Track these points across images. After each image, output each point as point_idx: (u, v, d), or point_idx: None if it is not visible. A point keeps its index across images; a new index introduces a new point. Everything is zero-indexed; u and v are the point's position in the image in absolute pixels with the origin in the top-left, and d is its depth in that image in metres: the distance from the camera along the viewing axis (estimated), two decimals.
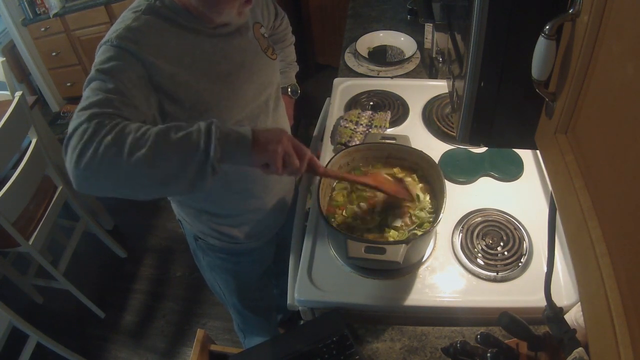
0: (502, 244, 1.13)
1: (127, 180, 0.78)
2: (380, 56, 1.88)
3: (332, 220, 1.13)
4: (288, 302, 1.11)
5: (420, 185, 1.19)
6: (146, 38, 0.90)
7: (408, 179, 1.19)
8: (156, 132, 0.78)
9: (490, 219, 1.19)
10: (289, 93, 1.49)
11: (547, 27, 0.48)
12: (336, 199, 1.19)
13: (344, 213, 1.15)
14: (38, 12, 3.37)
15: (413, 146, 1.22)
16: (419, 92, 1.62)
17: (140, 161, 0.75)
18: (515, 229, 1.16)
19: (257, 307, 1.60)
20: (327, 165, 1.16)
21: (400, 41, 1.92)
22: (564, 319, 0.77)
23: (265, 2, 1.24)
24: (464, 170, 1.32)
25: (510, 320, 0.81)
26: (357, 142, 1.40)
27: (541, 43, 0.50)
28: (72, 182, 0.79)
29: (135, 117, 0.85)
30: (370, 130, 1.45)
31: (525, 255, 1.11)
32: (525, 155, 1.35)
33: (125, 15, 0.94)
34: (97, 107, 0.80)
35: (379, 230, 1.10)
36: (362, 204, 1.15)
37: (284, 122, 1.26)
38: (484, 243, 1.14)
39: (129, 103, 0.84)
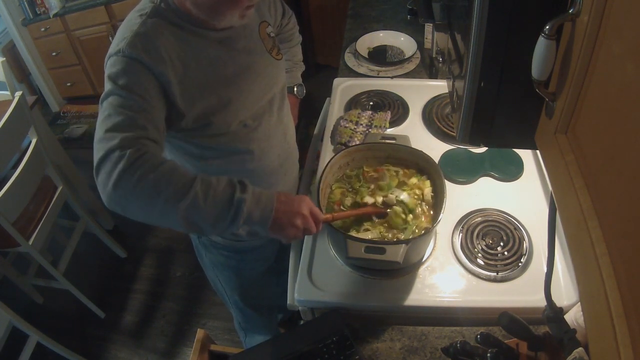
0: (502, 244, 1.13)
1: (159, 218, 0.85)
2: (380, 56, 1.88)
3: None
4: (288, 302, 1.11)
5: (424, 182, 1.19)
6: (154, 44, 0.90)
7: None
8: (195, 190, 0.82)
9: (490, 219, 1.19)
10: (295, 92, 1.49)
11: (547, 27, 0.48)
12: (334, 193, 1.19)
13: (342, 207, 1.16)
14: (38, 12, 3.37)
15: (413, 146, 1.22)
16: (419, 92, 1.62)
17: (174, 212, 0.82)
18: (515, 229, 1.16)
19: (259, 304, 1.60)
20: (327, 165, 1.16)
21: (400, 41, 1.91)
22: (564, 319, 0.77)
23: (273, 0, 1.24)
24: (464, 170, 1.32)
25: (510, 320, 0.81)
26: (357, 142, 1.40)
27: (541, 43, 0.50)
28: (103, 200, 0.83)
29: (159, 130, 0.89)
30: (370, 130, 1.45)
31: (525, 255, 1.11)
32: (525, 155, 1.35)
33: (131, 19, 0.94)
34: (125, 131, 0.83)
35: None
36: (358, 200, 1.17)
37: (289, 121, 1.27)
38: (484, 243, 1.14)
39: (152, 118, 0.87)
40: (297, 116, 1.50)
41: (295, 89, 1.48)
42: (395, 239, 1.08)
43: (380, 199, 1.15)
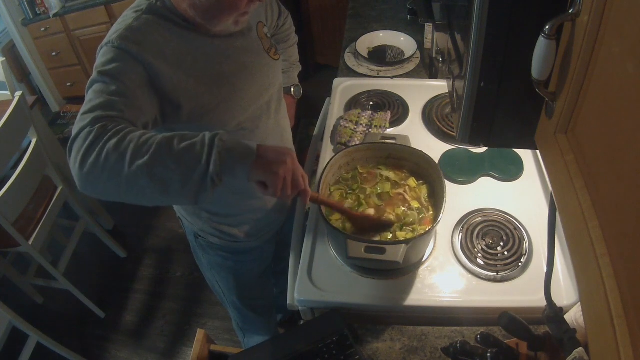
0: (502, 244, 1.13)
1: (128, 187, 0.77)
2: (380, 56, 1.88)
3: (331, 219, 1.13)
4: (288, 301, 1.11)
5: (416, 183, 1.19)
6: (147, 38, 0.90)
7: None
8: (159, 141, 0.76)
9: (490, 219, 1.19)
10: (292, 93, 1.48)
11: (547, 27, 0.48)
12: (333, 195, 1.19)
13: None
14: (38, 12, 3.37)
15: (413, 146, 1.22)
16: (419, 92, 1.62)
17: (141, 170, 0.75)
18: (515, 229, 1.16)
19: (256, 305, 1.60)
20: (327, 165, 1.16)
21: (400, 41, 1.92)
22: (564, 319, 0.77)
23: (270, 0, 1.23)
24: (464, 170, 1.32)
25: (510, 320, 0.81)
26: (357, 142, 1.40)
27: (541, 43, 0.50)
28: (76, 184, 0.79)
29: (139, 119, 0.85)
30: (370, 130, 1.45)
31: (525, 255, 1.11)
32: (525, 155, 1.35)
33: (126, 14, 0.94)
34: (100, 110, 0.80)
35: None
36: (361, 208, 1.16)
37: (286, 123, 1.26)
38: (484, 243, 1.14)
39: (131, 105, 0.84)
40: (294, 117, 1.50)
41: (292, 89, 1.48)
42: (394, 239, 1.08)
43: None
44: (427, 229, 1.06)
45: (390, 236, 1.09)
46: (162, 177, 0.76)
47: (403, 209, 1.14)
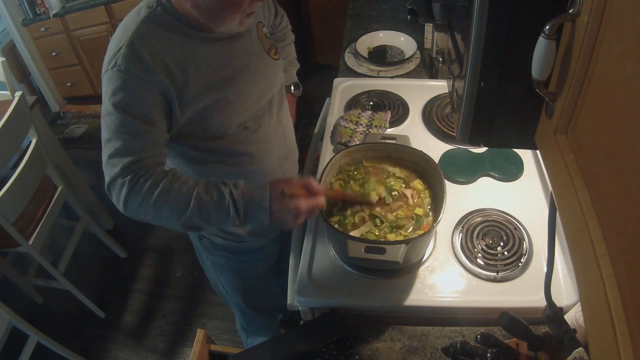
0: (502, 244, 1.13)
1: (168, 227, 0.99)
2: (380, 56, 1.88)
3: (329, 217, 1.12)
4: (288, 302, 1.11)
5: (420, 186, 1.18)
6: (150, 52, 0.90)
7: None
8: (191, 210, 0.92)
9: (490, 219, 1.19)
10: (292, 91, 1.49)
11: (547, 27, 0.48)
12: (333, 186, 1.18)
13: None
14: (38, 12, 3.37)
15: (413, 146, 1.22)
16: (419, 92, 1.62)
17: (177, 226, 0.96)
18: (515, 229, 1.16)
19: (261, 306, 1.60)
20: (327, 165, 1.16)
21: (400, 41, 1.92)
22: (564, 319, 0.77)
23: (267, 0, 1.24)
24: (464, 170, 1.32)
25: (510, 320, 0.81)
26: (357, 142, 1.40)
27: (541, 43, 0.49)
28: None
29: (159, 145, 0.96)
30: (370, 130, 1.45)
31: (525, 255, 1.10)
32: (525, 155, 1.35)
33: (126, 25, 0.93)
34: (124, 156, 0.90)
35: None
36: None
37: (288, 121, 1.27)
38: (484, 243, 1.14)
39: (149, 138, 0.92)
40: (294, 115, 1.50)
41: (292, 87, 1.48)
42: (392, 239, 1.07)
43: (383, 194, 1.14)
44: (427, 229, 1.05)
45: (377, 232, 1.08)
46: (198, 227, 0.98)
47: (400, 213, 1.13)
